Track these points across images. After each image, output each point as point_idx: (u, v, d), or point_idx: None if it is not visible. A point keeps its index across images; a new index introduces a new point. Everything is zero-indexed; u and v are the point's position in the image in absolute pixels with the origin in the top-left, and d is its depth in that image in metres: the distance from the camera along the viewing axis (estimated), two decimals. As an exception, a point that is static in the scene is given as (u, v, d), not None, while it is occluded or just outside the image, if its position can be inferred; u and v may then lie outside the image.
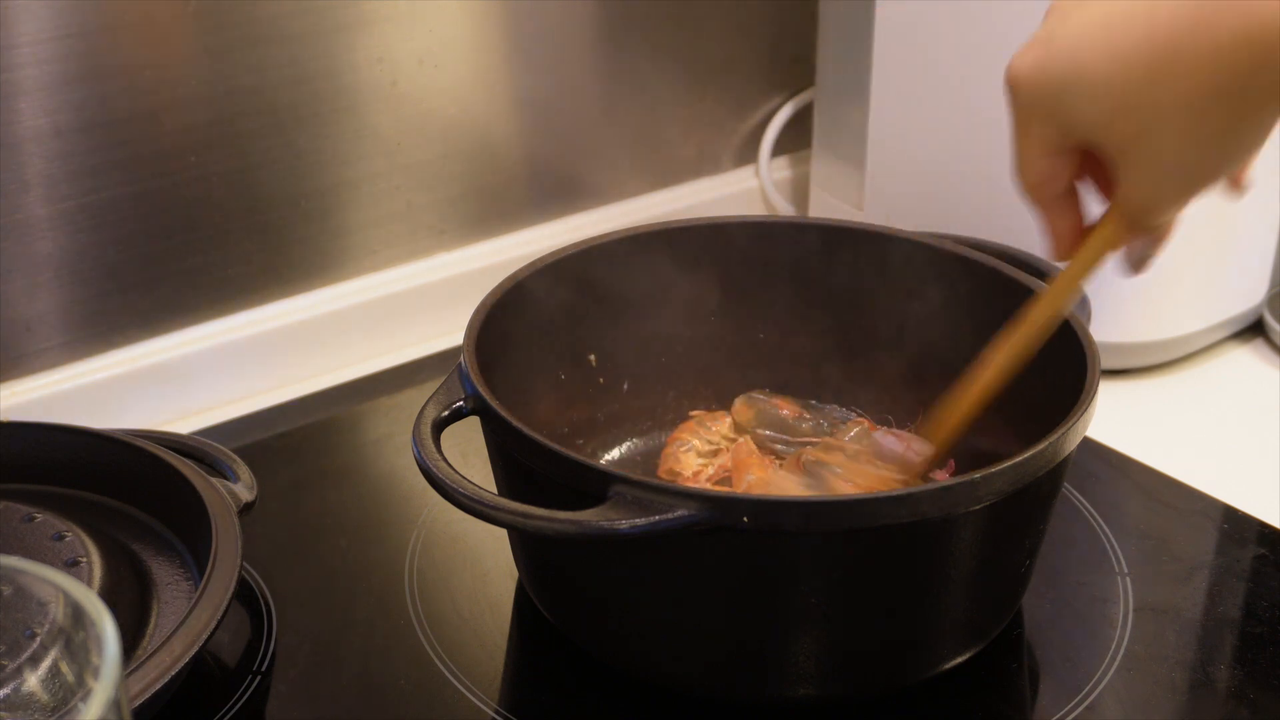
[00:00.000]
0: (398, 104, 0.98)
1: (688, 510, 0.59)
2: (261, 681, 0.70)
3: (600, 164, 1.11)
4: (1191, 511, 0.83)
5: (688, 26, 1.10)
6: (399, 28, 0.96)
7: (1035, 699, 0.71)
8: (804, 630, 0.65)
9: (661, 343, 0.85)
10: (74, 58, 0.85)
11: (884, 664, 0.67)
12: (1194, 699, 0.70)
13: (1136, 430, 0.90)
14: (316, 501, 0.85)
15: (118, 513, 0.76)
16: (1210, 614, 0.75)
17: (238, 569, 0.67)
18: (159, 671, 0.60)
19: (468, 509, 0.62)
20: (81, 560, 0.69)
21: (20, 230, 0.86)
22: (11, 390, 0.89)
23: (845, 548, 0.62)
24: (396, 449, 0.90)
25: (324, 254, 1.00)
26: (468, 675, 0.70)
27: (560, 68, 1.06)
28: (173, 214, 0.92)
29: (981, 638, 0.70)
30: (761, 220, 0.85)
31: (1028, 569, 0.71)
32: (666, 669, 0.68)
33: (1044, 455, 0.63)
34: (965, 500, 0.61)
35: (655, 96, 1.11)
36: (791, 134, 1.18)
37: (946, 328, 0.79)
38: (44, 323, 0.90)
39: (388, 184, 1.00)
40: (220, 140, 0.92)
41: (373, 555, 0.80)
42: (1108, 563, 0.78)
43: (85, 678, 0.42)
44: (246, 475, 0.75)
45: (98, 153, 0.88)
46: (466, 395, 0.68)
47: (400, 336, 1.03)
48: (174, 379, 0.94)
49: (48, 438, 0.78)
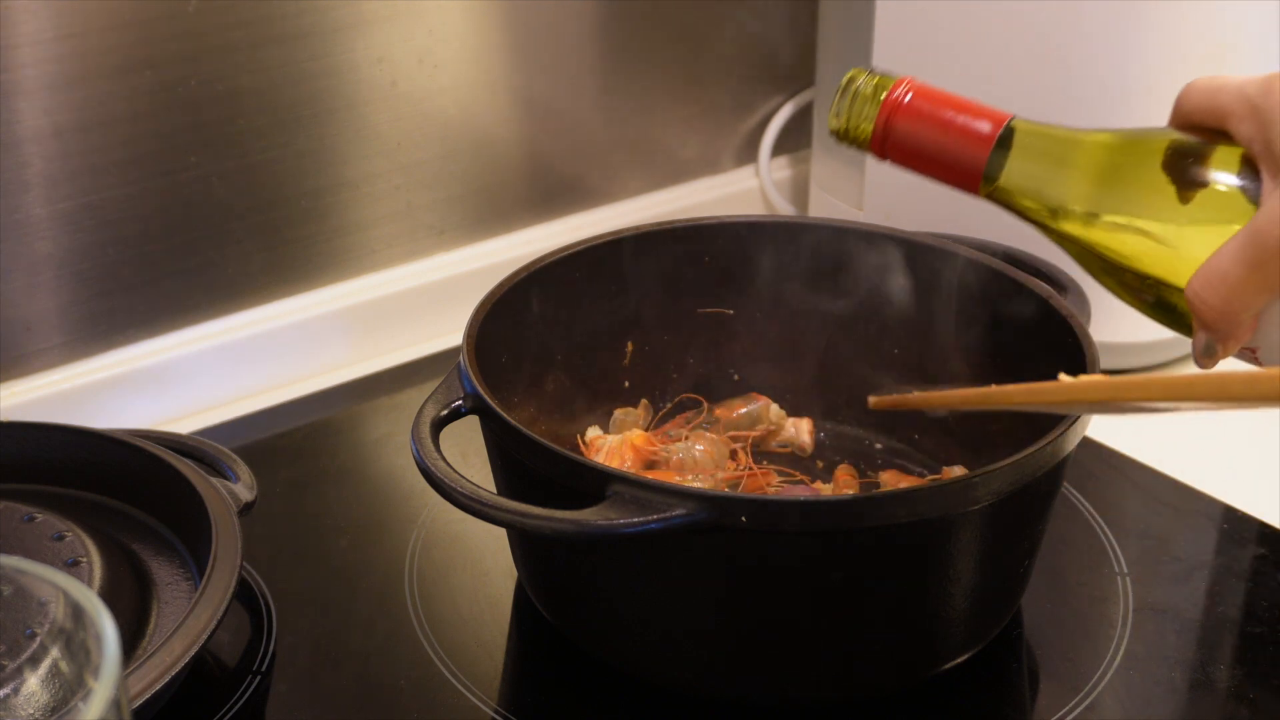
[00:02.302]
0: (398, 104, 0.98)
1: (686, 510, 0.59)
2: (261, 681, 0.70)
3: (600, 164, 1.11)
4: (1191, 511, 0.83)
5: (688, 26, 1.10)
6: (399, 28, 0.96)
7: (1035, 699, 0.71)
8: (803, 630, 0.65)
9: (661, 342, 0.85)
10: (74, 58, 0.85)
11: (884, 664, 0.67)
12: (1194, 699, 0.70)
13: (1136, 430, 0.90)
14: (316, 501, 0.85)
15: (118, 513, 0.76)
16: (1210, 614, 0.75)
17: (238, 569, 0.67)
18: (159, 671, 0.60)
19: (467, 508, 0.62)
20: (81, 560, 0.69)
21: (20, 230, 0.86)
22: (11, 390, 0.89)
23: (844, 548, 0.62)
24: (396, 449, 0.90)
25: (324, 254, 1.00)
26: (468, 675, 0.70)
27: (560, 68, 1.06)
28: (173, 214, 0.92)
29: (981, 638, 0.70)
30: (762, 220, 0.84)
31: (1027, 569, 0.71)
32: (665, 669, 0.68)
33: (1043, 455, 0.63)
34: (964, 500, 0.61)
35: (655, 96, 1.11)
36: (791, 134, 1.18)
37: (946, 327, 0.80)
38: (44, 323, 0.90)
39: (388, 184, 1.00)
40: (220, 140, 0.92)
41: (373, 555, 0.80)
42: (1108, 563, 0.78)
43: (85, 678, 0.42)
44: (246, 475, 0.75)
45: (98, 153, 0.88)
46: (465, 395, 0.68)
47: (400, 336, 1.03)
48: (174, 379, 0.94)
49: (48, 438, 0.78)
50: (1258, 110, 0.55)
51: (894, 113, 0.61)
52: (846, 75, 0.63)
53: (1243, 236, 0.54)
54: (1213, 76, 0.58)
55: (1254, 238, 0.53)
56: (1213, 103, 0.57)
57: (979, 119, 0.61)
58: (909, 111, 0.61)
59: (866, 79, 0.62)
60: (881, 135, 0.62)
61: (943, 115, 0.61)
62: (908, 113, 0.61)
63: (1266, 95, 0.55)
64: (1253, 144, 0.56)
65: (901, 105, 0.61)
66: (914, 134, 0.61)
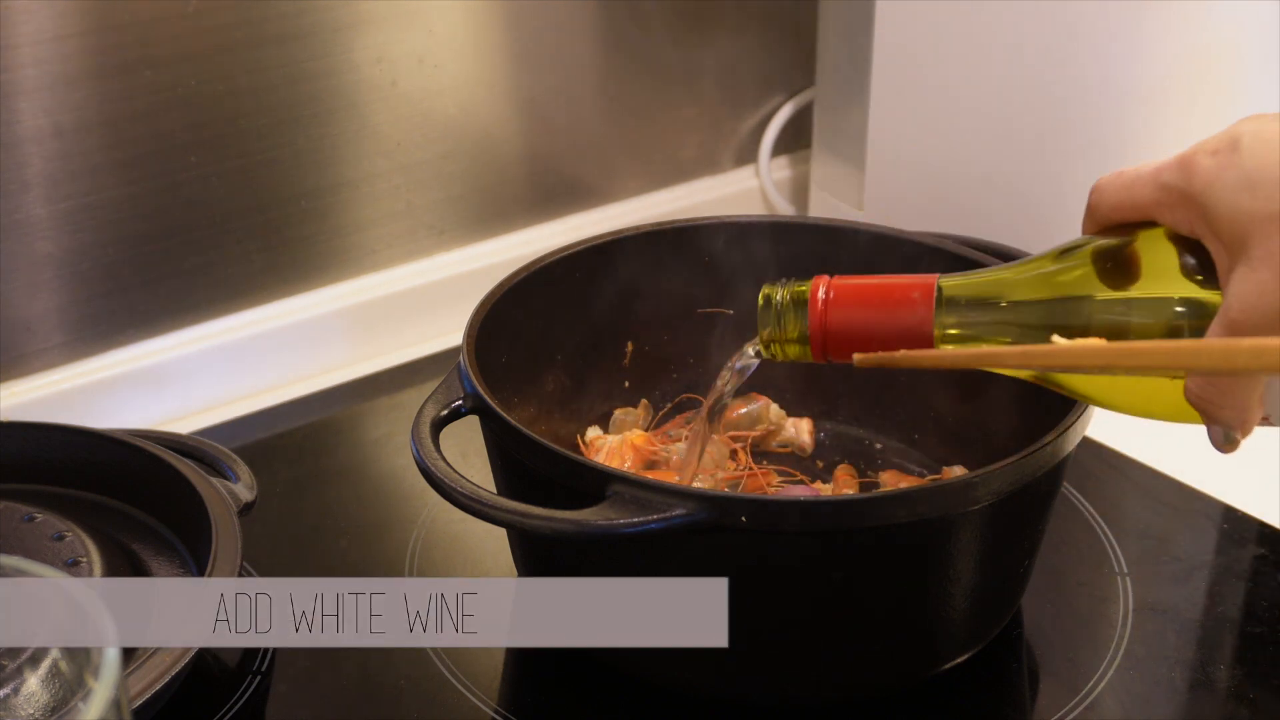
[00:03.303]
0: (398, 104, 0.98)
1: (686, 510, 0.59)
2: (261, 681, 0.70)
3: (600, 164, 1.11)
4: (1191, 511, 0.83)
5: (688, 26, 1.10)
6: (399, 28, 0.96)
7: (1035, 699, 0.71)
8: (802, 630, 0.65)
9: (661, 342, 0.85)
10: (74, 58, 0.85)
11: (884, 664, 0.67)
12: (1194, 699, 0.70)
13: (1136, 430, 0.89)
14: (316, 501, 0.85)
15: (118, 513, 0.76)
16: (1210, 614, 0.75)
17: (238, 569, 0.67)
18: (159, 671, 0.60)
19: (466, 508, 0.62)
20: (81, 560, 0.69)
21: (20, 230, 0.86)
22: (11, 390, 0.89)
23: (844, 548, 0.62)
24: (396, 449, 0.90)
25: (324, 254, 1.00)
26: (468, 675, 0.70)
27: (560, 68, 1.06)
28: (173, 214, 0.92)
29: (981, 638, 0.70)
30: (761, 220, 0.84)
31: (1027, 569, 0.71)
32: (665, 669, 0.68)
33: (1043, 455, 0.63)
34: (964, 500, 0.61)
35: (655, 96, 1.11)
36: (791, 134, 1.18)
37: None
38: (44, 323, 0.90)
39: (388, 184, 1.00)
40: (220, 140, 0.92)
41: (373, 555, 0.80)
42: (1108, 563, 0.78)
43: (85, 678, 0.42)
44: (246, 475, 0.75)
45: (98, 153, 0.88)
46: (465, 394, 0.68)
47: (400, 336, 1.03)
48: (174, 379, 0.94)
49: (48, 438, 0.78)
50: (1186, 196, 0.54)
51: (826, 310, 0.61)
52: (761, 293, 0.63)
53: (1219, 330, 0.53)
54: (1118, 173, 0.57)
55: (1230, 329, 0.52)
56: (1130, 198, 0.56)
57: (909, 290, 0.61)
58: (838, 304, 0.61)
59: (783, 291, 0.63)
60: (820, 335, 0.62)
61: (873, 298, 0.61)
62: (837, 305, 0.61)
63: (1190, 179, 0.54)
64: (1192, 229, 0.54)
65: (829, 302, 0.62)
66: (850, 323, 0.61)
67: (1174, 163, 0.55)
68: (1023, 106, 0.93)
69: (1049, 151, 0.93)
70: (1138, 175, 0.56)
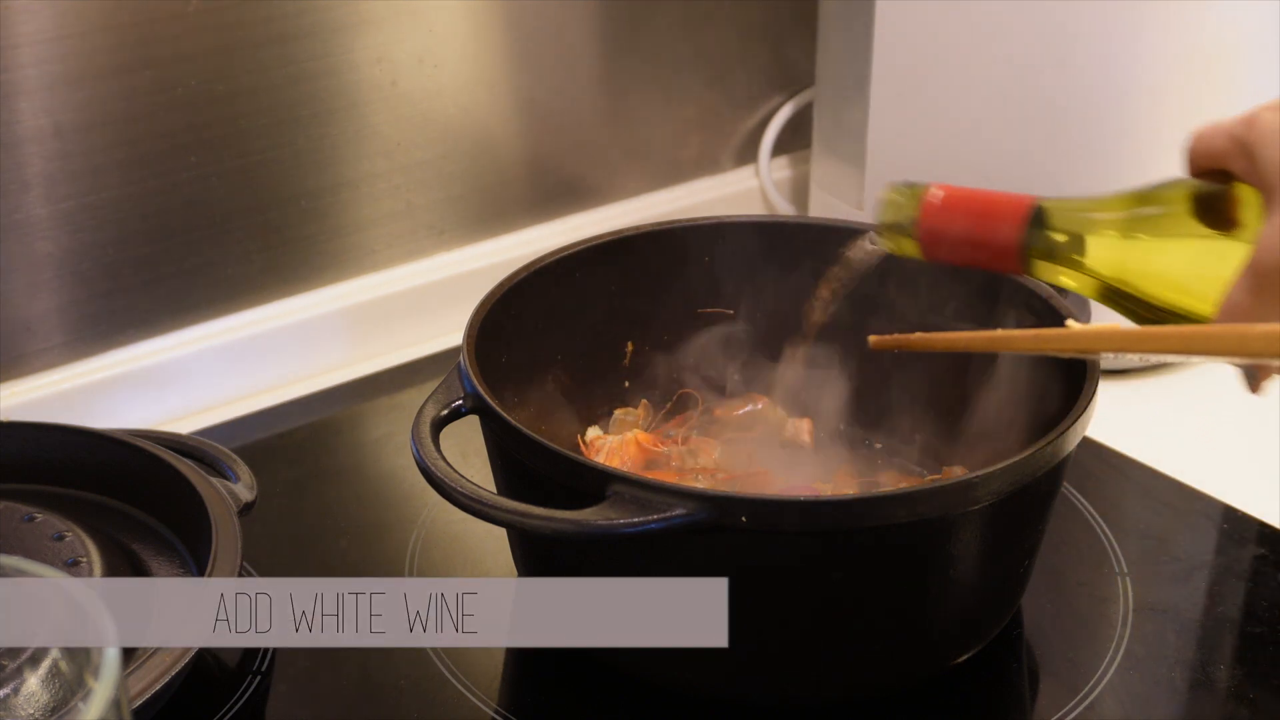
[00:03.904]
0: (398, 104, 0.98)
1: (686, 509, 0.59)
2: (261, 681, 0.70)
3: (600, 164, 1.11)
4: (1191, 511, 0.83)
5: (688, 26, 1.10)
6: (399, 28, 0.96)
7: (1035, 699, 0.71)
8: (802, 630, 0.65)
9: (661, 342, 0.85)
10: (74, 58, 0.85)
11: (884, 664, 0.67)
12: (1194, 699, 0.70)
13: (1136, 430, 0.90)
14: (316, 501, 0.85)
15: (118, 513, 0.76)
16: (1210, 614, 0.75)
17: (238, 569, 0.67)
18: (159, 671, 0.60)
19: (466, 508, 0.62)
20: (81, 560, 0.69)
21: (20, 230, 0.86)
22: (11, 390, 0.89)
23: (844, 548, 0.62)
24: (396, 449, 0.90)
25: (324, 254, 1.00)
26: (468, 675, 0.70)
27: (560, 68, 1.06)
28: (173, 214, 0.92)
29: (981, 638, 0.70)
30: (762, 220, 0.84)
31: (1027, 569, 0.71)
32: (665, 669, 0.68)
33: (1043, 455, 0.63)
34: (964, 500, 0.61)
35: (655, 96, 1.11)
36: (791, 134, 1.18)
37: (946, 328, 0.79)
38: (44, 323, 0.90)
39: (388, 184, 1.00)
40: (220, 140, 0.92)
41: (373, 555, 0.80)
42: (1108, 563, 0.78)
43: (85, 678, 0.42)
44: (246, 475, 0.75)
45: (98, 153, 0.88)
46: (465, 394, 0.68)
47: (400, 336, 1.03)
48: (174, 379, 0.94)
49: (48, 438, 0.78)
50: (1244, 145, 0.57)
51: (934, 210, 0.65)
52: (885, 186, 0.67)
53: (1245, 268, 0.55)
54: (1206, 124, 0.60)
55: (1254, 267, 0.55)
56: (1209, 148, 0.59)
57: (1009, 203, 0.64)
58: (945, 205, 0.64)
59: (902, 188, 0.66)
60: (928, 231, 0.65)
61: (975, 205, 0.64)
62: (945, 206, 0.64)
63: (1249, 129, 0.57)
64: (1248, 177, 0.57)
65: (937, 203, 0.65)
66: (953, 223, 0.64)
67: (1244, 116, 0.58)
68: (1023, 107, 0.93)
69: (1049, 152, 0.93)
70: (1216, 127, 0.59)
